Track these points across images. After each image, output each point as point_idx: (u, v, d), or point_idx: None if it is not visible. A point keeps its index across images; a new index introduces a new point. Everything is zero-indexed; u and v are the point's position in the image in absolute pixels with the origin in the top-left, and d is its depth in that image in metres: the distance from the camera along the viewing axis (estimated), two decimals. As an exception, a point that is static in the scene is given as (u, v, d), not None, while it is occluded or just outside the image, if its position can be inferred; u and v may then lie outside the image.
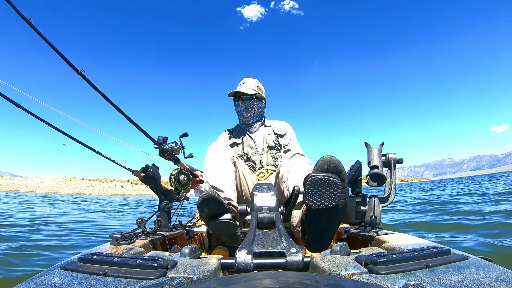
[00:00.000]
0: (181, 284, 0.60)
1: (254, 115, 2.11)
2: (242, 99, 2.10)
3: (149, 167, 1.53)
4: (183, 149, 1.75)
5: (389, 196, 1.37)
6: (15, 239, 3.68)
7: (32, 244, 3.42)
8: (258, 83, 2.15)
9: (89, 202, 18.88)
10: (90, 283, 0.60)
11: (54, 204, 13.82)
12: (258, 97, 2.10)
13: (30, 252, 2.99)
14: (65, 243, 3.61)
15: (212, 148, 1.68)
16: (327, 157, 1.05)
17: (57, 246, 3.42)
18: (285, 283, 0.53)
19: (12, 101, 1.31)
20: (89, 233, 4.62)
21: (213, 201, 1.20)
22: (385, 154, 1.40)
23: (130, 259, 0.69)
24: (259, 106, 2.12)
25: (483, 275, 0.60)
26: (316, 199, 1.05)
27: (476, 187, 13.94)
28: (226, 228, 1.30)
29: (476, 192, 10.34)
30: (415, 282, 0.57)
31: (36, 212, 8.34)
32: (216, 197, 1.20)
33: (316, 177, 1.03)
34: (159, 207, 1.56)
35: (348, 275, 0.63)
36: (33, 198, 19.33)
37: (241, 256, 0.75)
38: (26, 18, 1.07)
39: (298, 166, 1.53)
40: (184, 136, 1.76)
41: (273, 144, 2.07)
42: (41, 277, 0.65)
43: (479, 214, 4.78)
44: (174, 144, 1.71)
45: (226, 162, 1.60)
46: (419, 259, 0.68)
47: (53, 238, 3.96)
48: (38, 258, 2.82)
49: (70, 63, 1.33)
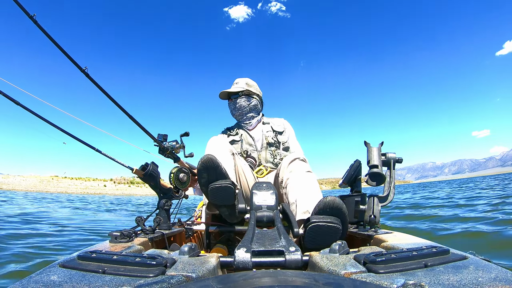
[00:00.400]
0: (180, 282, 0.60)
1: (245, 112, 2.12)
2: (231, 99, 2.13)
3: (148, 165, 1.52)
4: (183, 148, 1.75)
5: (388, 196, 1.37)
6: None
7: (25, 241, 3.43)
8: (248, 81, 2.17)
9: (79, 201, 18.89)
10: (89, 280, 0.60)
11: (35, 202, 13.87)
12: (246, 93, 2.11)
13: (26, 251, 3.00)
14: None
15: (212, 140, 1.71)
16: (330, 199, 1.05)
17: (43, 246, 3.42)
18: (284, 281, 0.53)
19: (12, 99, 1.31)
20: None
21: (212, 164, 1.23)
22: (384, 154, 1.40)
23: (129, 257, 0.69)
24: (249, 102, 2.12)
25: (482, 275, 0.60)
26: (315, 242, 1.06)
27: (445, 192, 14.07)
28: (224, 194, 1.31)
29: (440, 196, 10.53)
30: (414, 282, 0.57)
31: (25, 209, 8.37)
32: (215, 160, 1.24)
33: (317, 224, 1.03)
34: (158, 205, 1.56)
35: (347, 274, 0.63)
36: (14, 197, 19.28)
37: (240, 254, 0.75)
38: (30, 14, 1.06)
39: (298, 174, 1.54)
40: (185, 135, 1.76)
41: (272, 141, 2.08)
42: (40, 274, 0.65)
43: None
44: (174, 142, 1.71)
45: (226, 153, 1.63)
46: (418, 259, 0.68)
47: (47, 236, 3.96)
48: (33, 256, 2.82)
49: (71, 58, 1.31)
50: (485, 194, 9.37)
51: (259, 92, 2.20)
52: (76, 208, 10.99)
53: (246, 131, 2.12)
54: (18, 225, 4.87)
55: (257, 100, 2.17)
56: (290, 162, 1.60)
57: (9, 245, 3.21)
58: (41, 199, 17.46)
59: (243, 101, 2.10)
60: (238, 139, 2.10)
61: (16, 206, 10.00)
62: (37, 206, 10.57)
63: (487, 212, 4.85)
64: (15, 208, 9.11)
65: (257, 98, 2.17)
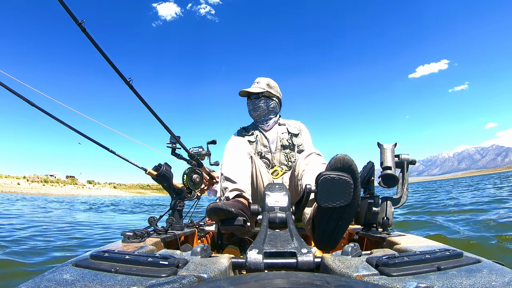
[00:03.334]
0: (192, 283, 0.61)
1: (263, 114, 2.13)
2: (251, 98, 2.13)
3: (161, 166, 1.54)
4: (209, 155, 1.77)
5: (401, 198, 1.35)
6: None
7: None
8: (270, 82, 2.17)
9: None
10: (101, 279, 0.61)
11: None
12: (266, 95, 2.11)
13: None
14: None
15: (231, 142, 1.71)
16: (340, 155, 1.03)
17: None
18: (295, 283, 0.53)
19: (26, 99, 1.35)
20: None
21: (220, 211, 1.25)
22: (398, 155, 1.38)
23: (141, 257, 0.70)
24: (268, 104, 2.12)
25: (495, 279, 0.58)
26: (328, 198, 1.03)
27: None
28: (237, 230, 1.33)
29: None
30: (426, 285, 0.56)
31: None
32: (223, 208, 1.24)
33: (328, 176, 1.01)
34: (171, 205, 1.58)
35: (359, 276, 0.63)
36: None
37: (252, 255, 0.75)
38: (78, 20, 1.04)
39: (314, 165, 1.53)
40: (212, 143, 1.78)
41: (287, 143, 2.08)
42: (53, 273, 0.66)
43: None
44: (201, 149, 1.73)
45: (243, 156, 1.64)
46: (430, 262, 0.67)
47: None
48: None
49: (118, 70, 1.21)
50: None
51: (279, 94, 2.20)
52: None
53: (261, 132, 2.13)
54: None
55: (276, 102, 2.18)
56: (307, 156, 1.60)
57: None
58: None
59: (262, 102, 2.11)
60: (253, 139, 2.11)
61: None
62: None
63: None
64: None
65: (276, 100, 2.18)
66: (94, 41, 1.06)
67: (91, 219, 8.24)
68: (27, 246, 3.44)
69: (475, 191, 12.01)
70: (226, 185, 1.55)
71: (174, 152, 1.70)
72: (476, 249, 2.73)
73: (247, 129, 2.23)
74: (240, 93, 2.17)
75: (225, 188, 1.54)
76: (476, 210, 5.55)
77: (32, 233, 4.59)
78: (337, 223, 1.12)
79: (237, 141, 1.71)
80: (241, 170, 1.57)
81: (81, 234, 4.93)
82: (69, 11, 0.98)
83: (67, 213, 10.42)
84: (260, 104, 2.10)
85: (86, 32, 1.03)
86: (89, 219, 8.07)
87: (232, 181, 1.52)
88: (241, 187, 1.49)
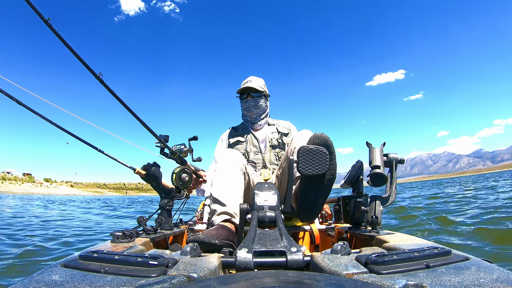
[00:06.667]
0: (182, 283, 0.60)
1: (262, 112, 2.15)
2: (252, 96, 2.12)
3: (150, 166, 1.53)
4: (191, 152, 1.75)
5: (390, 196, 1.36)
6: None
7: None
8: (263, 82, 2.19)
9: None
10: (90, 280, 0.60)
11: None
12: (264, 95, 2.13)
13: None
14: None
15: (224, 157, 1.63)
16: (318, 133, 1.23)
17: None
18: (285, 282, 0.53)
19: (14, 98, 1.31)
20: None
21: (202, 244, 1.18)
22: (386, 154, 1.40)
23: (130, 257, 0.69)
24: (266, 104, 2.16)
25: (484, 276, 0.60)
26: (307, 166, 1.19)
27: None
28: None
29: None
30: (415, 282, 0.57)
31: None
32: (205, 241, 1.19)
33: (307, 147, 1.20)
34: (160, 205, 1.56)
35: (348, 274, 0.63)
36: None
37: (242, 254, 0.75)
38: (44, 18, 1.03)
39: (303, 141, 1.54)
40: (193, 139, 1.76)
41: (277, 143, 2.09)
42: (41, 274, 0.65)
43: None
44: (183, 146, 1.71)
45: (235, 173, 1.57)
46: (419, 259, 0.68)
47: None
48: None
49: (87, 65, 1.22)
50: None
51: (268, 95, 2.23)
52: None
53: (251, 132, 2.13)
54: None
55: (267, 103, 2.21)
56: (299, 135, 1.62)
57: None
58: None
59: (262, 101, 2.13)
60: (243, 139, 2.10)
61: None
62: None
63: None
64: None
65: (267, 100, 2.21)
66: (61, 38, 1.05)
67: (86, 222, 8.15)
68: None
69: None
70: (215, 207, 1.48)
71: (163, 152, 1.68)
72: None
73: (237, 129, 2.23)
74: (242, 90, 2.14)
75: (214, 211, 1.48)
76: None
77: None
78: (317, 193, 1.28)
79: (230, 156, 1.64)
80: (232, 190, 1.50)
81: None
82: (36, 9, 0.97)
83: (67, 213, 10.26)
84: (260, 102, 2.12)
85: (53, 28, 1.02)
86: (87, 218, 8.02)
87: (221, 203, 1.45)
88: (230, 210, 1.43)
